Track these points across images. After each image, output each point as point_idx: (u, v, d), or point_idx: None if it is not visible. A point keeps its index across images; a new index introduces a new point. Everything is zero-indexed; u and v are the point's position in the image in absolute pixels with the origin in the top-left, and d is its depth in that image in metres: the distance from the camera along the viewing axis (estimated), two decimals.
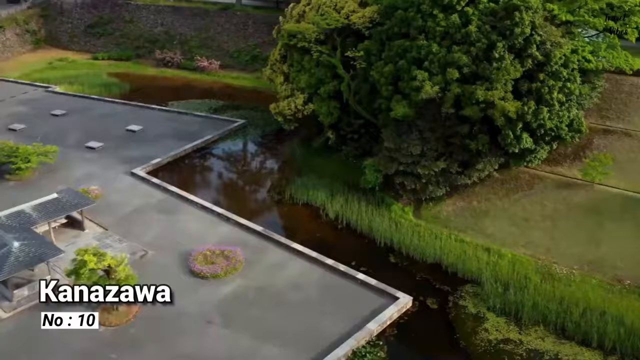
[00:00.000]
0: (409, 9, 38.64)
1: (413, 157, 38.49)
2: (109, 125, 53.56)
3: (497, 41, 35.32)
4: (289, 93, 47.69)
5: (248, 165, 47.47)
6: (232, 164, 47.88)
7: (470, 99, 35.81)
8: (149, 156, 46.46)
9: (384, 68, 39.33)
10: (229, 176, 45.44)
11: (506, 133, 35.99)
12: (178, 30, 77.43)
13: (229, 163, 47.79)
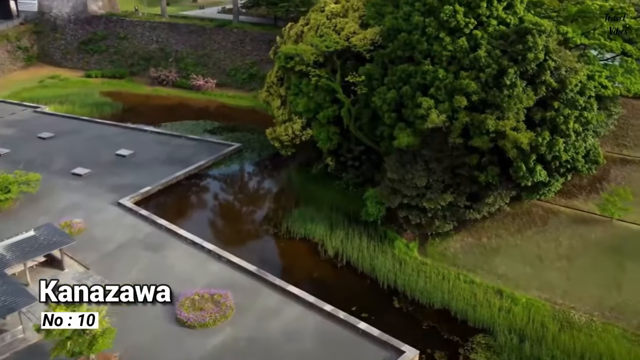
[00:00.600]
0: (413, 31, 36.26)
1: (418, 189, 35.98)
2: (98, 149, 51.09)
3: (508, 67, 32.90)
4: (286, 117, 45.33)
5: (243, 194, 44.86)
6: (226, 192, 45.33)
7: (480, 128, 33.33)
8: (138, 184, 43.92)
9: (387, 94, 36.90)
10: (222, 206, 42.86)
11: (518, 165, 33.45)
12: (173, 47, 75.22)
13: (222, 191, 45.25)
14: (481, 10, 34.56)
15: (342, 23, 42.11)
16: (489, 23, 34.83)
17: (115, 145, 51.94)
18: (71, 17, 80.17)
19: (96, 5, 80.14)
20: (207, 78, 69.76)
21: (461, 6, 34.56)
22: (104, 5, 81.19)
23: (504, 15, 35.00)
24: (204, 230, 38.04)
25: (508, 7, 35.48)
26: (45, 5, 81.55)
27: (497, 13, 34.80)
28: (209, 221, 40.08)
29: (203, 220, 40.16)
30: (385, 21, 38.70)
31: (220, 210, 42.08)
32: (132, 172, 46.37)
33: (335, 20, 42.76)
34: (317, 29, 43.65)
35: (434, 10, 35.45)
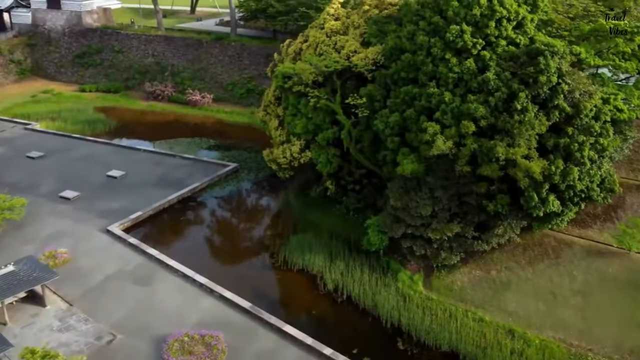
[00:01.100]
0: (417, 52, 34.33)
1: (423, 218, 33.96)
2: (88, 169, 49.11)
3: (519, 90, 30.91)
4: (284, 139, 43.38)
5: (238, 219, 42.76)
6: (220, 217, 43.25)
7: (489, 155, 31.29)
8: (128, 209, 41.88)
9: (389, 117, 34.92)
10: (216, 233, 40.73)
11: (530, 195, 31.39)
12: (170, 61, 73.43)
13: (216, 217, 43.16)
14: (489, 30, 32.65)
15: (343, 41, 40.22)
16: (497, 43, 32.89)
17: (107, 165, 49.97)
18: (65, 29, 78.51)
19: (91, 18, 78.45)
20: (204, 93, 67.97)
21: (468, 26, 32.66)
22: (99, 18, 79.52)
23: (514, 35, 33.08)
24: (196, 260, 35.93)
25: (518, 26, 33.58)
26: (39, 18, 79.98)
27: (507, 33, 32.87)
28: (201, 250, 37.95)
29: (195, 249, 38.04)
30: (388, 40, 36.80)
31: (213, 237, 39.95)
32: (123, 195, 44.34)
33: (335, 38, 40.89)
34: (316, 47, 41.77)
35: (440, 30, 33.56)
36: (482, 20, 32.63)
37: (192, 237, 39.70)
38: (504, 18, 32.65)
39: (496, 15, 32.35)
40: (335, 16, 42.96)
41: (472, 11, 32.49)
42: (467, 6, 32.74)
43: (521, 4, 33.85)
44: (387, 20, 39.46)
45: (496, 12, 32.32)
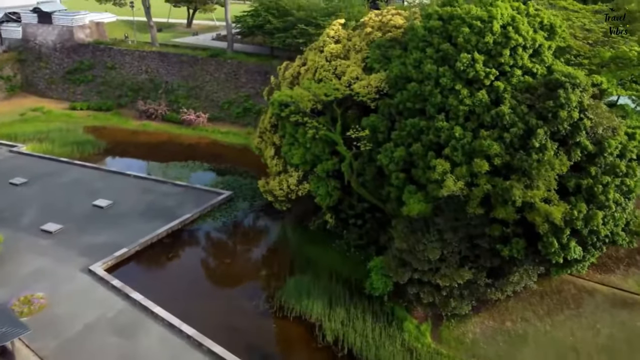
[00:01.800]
0: (424, 81, 31.60)
1: (430, 263, 31.14)
2: (74, 198, 46.31)
3: (537, 126, 28.17)
4: (280, 168, 40.62)
5: (230, 256, 39.85)
6: (211, 254, 40.36)
7: (504, 197, 28.50)
8: (114, 244, 39.05)
9: (394, 152, 32.16)
10: (206, 273, 37.78)
11: (549, 241, 28.55)
12: (164, 78, 70.78)
13: (207, 254, 40.28)
14: (504, 58, 29.96)
15: (343, 66, 37.51)
16: (512, 73, 30.18)
17: (93, 193, 47.19)
18: (57, 45, 75.94)
19: (83, 33, 75.88)
20: (199, 112, 65.32)
21: (480, 54, 29.97)
22: (92, 32, 76.96)
23: (530, 64, 30.39)
24: (184, 306, 33.06)
25: (534, 54, 30.89)
26: (30, 33, 77.46)
27: (523, 62, 30.18)
28: (190, 293, 35.01)
29: (183, 292, 35.11)
30: (392, 67, 34.04)
31: (203, 278, 37.04)
32: (109, 228, 41.50)
33: (335, 62, 38.17)
34: (315, 72, 39.05)
35: (449, 59, 30.86)
36: (496, 48, 29.96)
37: (180, 277, 36.78)
38: (520, 46, 29.97)
39: (511, 43, 29.68)
40: (335, 38, 40.28)
41: (484, 38, 29.83)
42: (479, 33, 30.08)
43: (537, 29, 31.22)
44: (391, 44, 36.75)
45: (511, 39, 29.66)
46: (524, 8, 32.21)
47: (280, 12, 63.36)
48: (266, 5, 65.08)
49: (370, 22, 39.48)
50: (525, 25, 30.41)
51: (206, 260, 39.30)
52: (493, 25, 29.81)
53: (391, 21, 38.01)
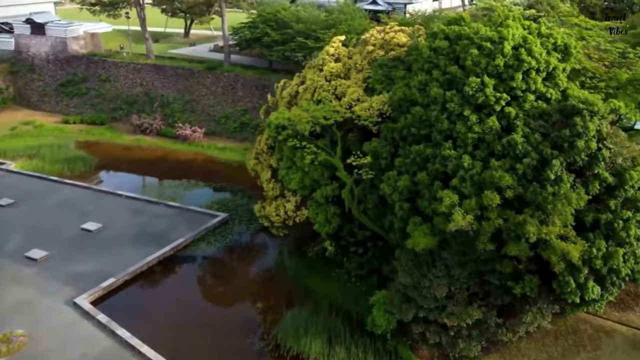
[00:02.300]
0: (430, 105, 29.65)
1: (437, 300, 29.08)
2: (62, 220, 44.28)
3: (552, 157, 26.17)
4: (277, 193, 38.61)
5: (224, 287, 37.65)
6: (204, 284, 38.25)
7: (516, 232, 26.47)
8: (102, 272, 37.03)
9: (398, 181, 30.17)
10: (198, 306, 35.49)
11: (566, 281, 26.50)
12: (159, 91, 68.88)
13: (199, 283, 38.15)
14: (515, 82, 28.00)
15: (344, 87, 35.59)
16: (525, 98, 28.21)
17: (83, 215, 45.16)
18: (50, 56, 74.09)
19: (77, 44, 74.06)
20: (195, 127, 63.32)
21: (491, 78, 28.01)
22: (86, 44, 75.13)
23: (544, 88, 28.42)
24: (174, 344, 31.02)
25: (548, 77, 28.92)
26: (22, 44, 75.66)
27: (536, 86, 28.20)
28: (180, 328, 32.82)
29: (173, 327, 32.95)
30: (396, 89, 32.11)
31: (195, 311, 34.82)
32: (97, 254, 39.47)
33: (335, 82, 36.27)
34: (314, 92, 37.14)
35: (457, 82, 28.91)
36: (507, 72, 28.01)
37: (170, 310, 34.64)
38: (533, 69, 28.00)
39: (523, 67, 27.73)
40: (335, 57, 38.34)
41: (494, 61, 27.90)
42: (489, 55, 28.15)
43: (551, 50, 29.25)
44: (394, 64, 34.87)
45: (523, 62, 27.71)
46: (535, 27, 30.32)
47: (279, 25, 61.52)
48: (264, 17, 63.28)
49: (372, 40, 37.59)
50: (538, 46, 28.48)
51: (199, 291, 37.17)
52: (504, 47, 27.88)
53: (394, 39, 36.12)
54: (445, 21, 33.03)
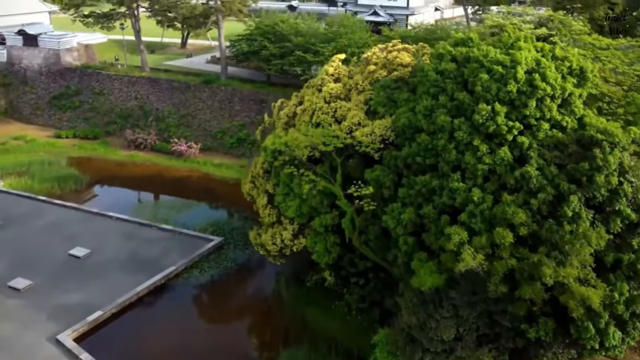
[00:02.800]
0: (437, 133, 27.66)
1: (444, 343, 27.04)
2: (49, 245, 42.27)
3: (570, 192, 24.18)
4: (273, 219, 36.57)
5: (218, 320, 35.54)
6: (196, 316, 36.08)
7: (531, 274, 24.45)
8: (88, 304, 35.02)
9: (402, 214, 28.16)
10: (190, 342, 33.37)
11: (584, 326, 24.46)
12: (154, 105, 66.96)
13: (191, 315, 35.99)
14: (529, 110, 26.02)
15: (344, 109, 33.61)
16: (539, 127, 26.23)
17: (71, 239, 43.13)
18: (43, 68, 72.21)
19: (71, 56, 72.22)
20: (190, 142, 61.39)
21: (502, 105, 26.05)
22: (80, 55, 73.28)
23: (559, 116, 26.44)
24: None
25: (563, 103, 26.95)
26: (15, 56, 73.80)
27: (551, 114, 26.22)
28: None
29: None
30: (400, 114, 30.11)
31: (185, 348, 32.69)
32: (84, 283, 37.46)
33: (335, 104, 34.27)
34: (312, 114, 35.16)
35: (465, 109, 26.95)
36: (520, 99, 26.05)
37: (159, 348, 32.52)
38: (547, 96, 26.02)
39: (538, 93, 25.75)
40: (335, 76, 36.39)
41: (506, 87, 25.95)
42: (501, 80, 26.21)
43: (566, 75, 27.29)
44: (397, 86, 32.86)
45: (538, 88, 25.74)
46: (549, 49, 28.38)
47: (277, 37, 59.75)
48: (262, 30, 61.50)
49: (374, 59, 35.64)
50: (553, 71, 26.54)
51: (190, 324, 34.98)
52: (517, 72, 25.95)
53: (397, 58, 34.13)
54: (452, 41, 31.06)
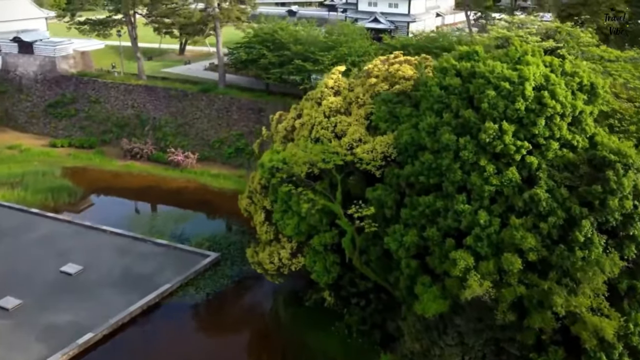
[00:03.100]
0: (441, 152, 26.47)
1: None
2: (40, 261, 41.08)
3: (582, 216, 23.00)
4: (271, 237, 35.40)
5: (212, 342, 34.29)
6: (191, 339, 34.76)
7: (540, 299, 23.26)
8: (79, 325, 33.86)
9: (405, 236, 26.98)
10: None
11: (597, 357, 23.23)
12: (151, 113, 65.79)
13: (186, 338, 34.66)
14: (538, 129, 24.86)
15: (344, 124, 32.46)
16: (548, 146, 25.06)
17: (63, 254, 41.91)
18: (38, 76, 71.14)
19: (67, 64, 71.11)
20: (187, 152, 60.21)
21: (510, 123, 24.88)
22: (76, 62, 72.18)
23: (569, 135, 25.26)
24: None
25: (573, 121, 25.78)
26: (10, 63, 72.73)
27: (561, 133, 25.05)
28: None
29: None
30: (402, 130, 28.95)
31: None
32: (76, 302, 36.25)
33: (334, 118, 33.11)
34: (311, 129, 34.03)
35: (471, 127, 25.77)
36: (528, 117, 24.92)
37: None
38: (557, 114, 24.85)
39: (547, 112, 24.60)
40: (335, 89, 35.22)
41: (514, 104, 24.81)
42: (508, 97, 25.07)
43: (576, 91, 26.13)
44: (399, 99, 31.74)
45: (547, 106, 24.61)
46: (558, 64, 27.23)
47: (276, 46, 58.65)
48: (261, 38, 60.37)
49: (375, 71, 34.51)
50: (563, 87, 25.40)
51: (185, 347, 33.67)
52: (525, 89, 24.82)
53: (399, 71, 33.01)
54: (456, 54, 29.92)
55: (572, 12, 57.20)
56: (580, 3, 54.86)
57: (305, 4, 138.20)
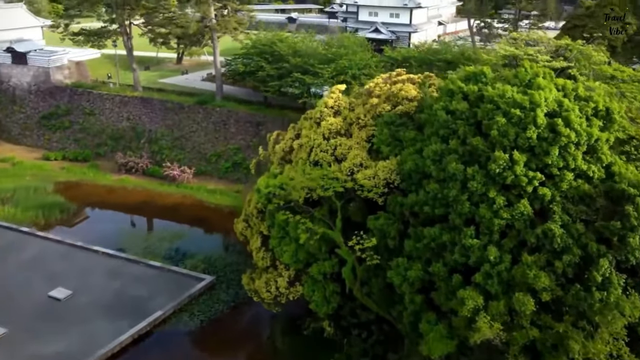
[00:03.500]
0: (447, 181, 24.91)
1: None
2: (28, 284, 39.48)
3: (599, 254, 21.43)
4: (268, 263, 33.85)
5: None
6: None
7: (555, 343, 21.66)
8: (67, 356, 32.35)
9: (409, 270, 25.39)
10: None
11: None
12: (147, 126, 64.28)
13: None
14: (551, 159, 23.31)
15: (344, 147, 30.94)
16: (562, 177, 23.50)
17: (52, 277, 40.29)
18: (32, 87, 69.66)
19: (62, 74, 69.63)
20: (183, 167, 58.67)
21: (521, 152, 23.32)
22: (71, 73, 70.72)
23: (584, 165, 23.70)
24: None
25: (589, 150, 24.23)
26: (4, 74, 71.28)
27: (576, 163, 23.49)
28: None
29: None
30: (406, 156, 27.40)
31: None
32: (64, 331, 34.64)
33: (334, 141, 31.61)
34: (310, 151, 32.48)
35: (480, 155, 24.21)
36: (541, 146, 23.37)
37: None
38: (572, 143, 23.30)
39: (561, 140, 23.03)
40: (335, 109, 33.71)
41: (525, 132, 23.25)
42: (519, 124, 23.54)
43: (590, 117, 24.58)
44: (402, 122, 30.22)
45: (560, 134, 23.05)
46: (571, 86, 25.70)
47: (275, 58, 57.20)
48: (259, 50, 58.90)
49: (377, 90, 33.03)
50: (577, 113, 23.85)
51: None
52: (537, 116, 23.30)
53: (402, 91, 31.50)
54: (462, 74, 28.41)
55: (577, 23, 55.87)
56: (587, 15, 53.50)
57: (305, 11, 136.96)
